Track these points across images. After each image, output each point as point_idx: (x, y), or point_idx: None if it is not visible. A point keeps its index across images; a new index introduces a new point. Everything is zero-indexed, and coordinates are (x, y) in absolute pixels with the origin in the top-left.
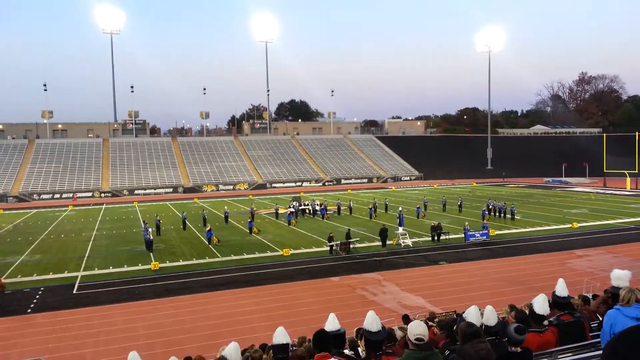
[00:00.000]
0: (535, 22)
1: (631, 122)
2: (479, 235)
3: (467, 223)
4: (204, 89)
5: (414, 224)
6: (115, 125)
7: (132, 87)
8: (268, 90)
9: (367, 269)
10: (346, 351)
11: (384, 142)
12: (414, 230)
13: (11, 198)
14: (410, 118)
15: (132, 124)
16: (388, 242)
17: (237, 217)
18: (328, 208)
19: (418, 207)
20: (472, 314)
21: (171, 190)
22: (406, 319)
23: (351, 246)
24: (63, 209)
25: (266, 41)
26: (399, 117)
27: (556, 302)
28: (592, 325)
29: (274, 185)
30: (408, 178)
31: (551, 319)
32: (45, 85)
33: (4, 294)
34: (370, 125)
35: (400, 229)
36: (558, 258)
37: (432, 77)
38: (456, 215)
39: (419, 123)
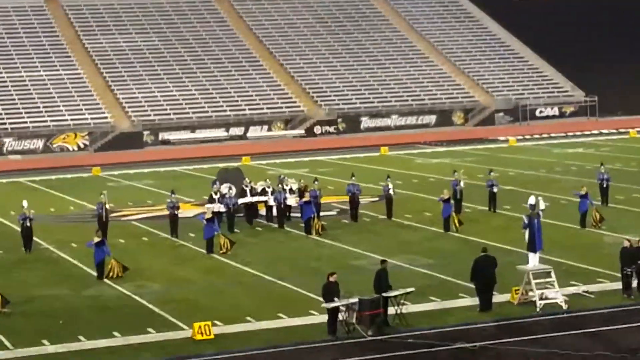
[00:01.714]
0: None
1: None
2: None
3: None
4: None
5: (571, 243)
6: None
7: None
8: None
9: None
10: None
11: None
12: (568, 260)
13: None
14: None
15: None
16: (500, 298)
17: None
18: (322, 200)
19: (580, 194)
20: None
21: None
22: None
23: (395, 310)
24: None
25: None
26: None
27: None
28: None
29: (163, 137)
30: (554, 111)
31: None
32: None
33: None
34: None
35: (533, 261)
36: None
37: None
38: None
39: None
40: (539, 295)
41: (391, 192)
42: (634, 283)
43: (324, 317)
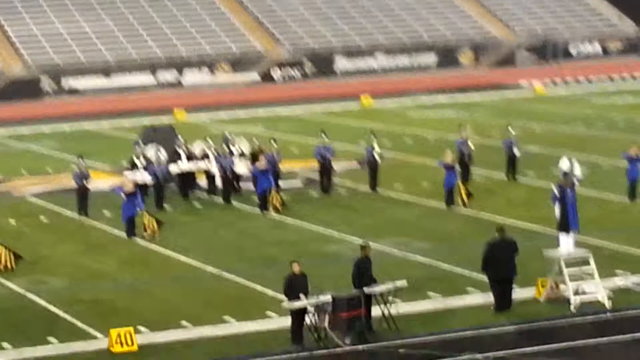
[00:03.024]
0: None
1: None
2: None
3: None
4: None
5: (617, 221)
6: None
7: None
8: None
9: None
10: None
11: None
12: (612, 243)
13: None
14: None
15: None
16: (522, 293)
17: None
18: (282, 166)
19: (629, 156)
20: None
21: None
22: None
23: (382, 311)
24: None
25: None
26: None
27: None
28: None
29: (68, 84)
30: (595, 48)
31: None
32: None
33: None
34: None
35: (566, 245)
36: None
37: None
38: None
39: None
40: (573, 290)
41: (376, 155)
42: None
43: (287, 321)
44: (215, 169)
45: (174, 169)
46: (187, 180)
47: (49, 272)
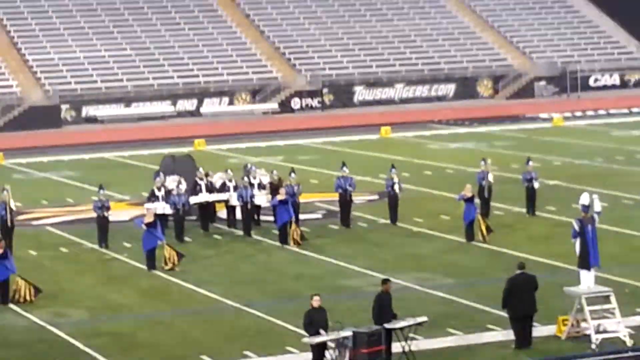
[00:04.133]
0: None
1: None
2: None
3: None
4: None
5: (638, 257)
6: None
7: None
8: None
9: None
10: None
11: None
12: (633, 281)
13: None
14: None
15: None
16: (542, 331)
17: None
18: (301, 198)
19: None
20: None
21: None
22: None
23: (402, 347)
24: None
25: None
26: None
27: None
28: None
29: (88, 112)
30: (614, 79)
31: None
32: None
33: None
34: None
35: (587, 281)
36: None
37: None
38: None
39: None
40: (594, 328)
41: (396, 188)
42: None
43: (307, 356)
44: (235, 201)
45: (193, 200)
46: (207, 211)
47: (70, 304)
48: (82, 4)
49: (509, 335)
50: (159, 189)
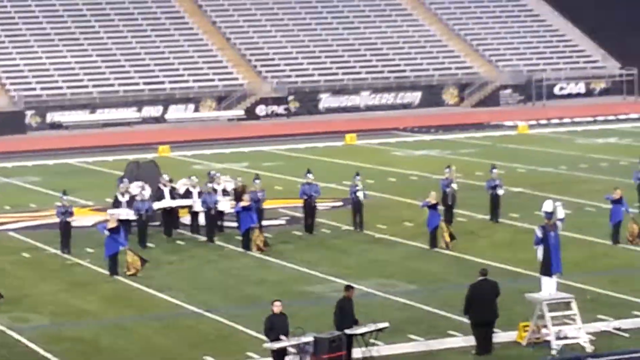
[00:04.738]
0: None
1: None
2: None
3: None
4: None
5: (600, 264)
6: None
7: None
8: None
9: None
10: None
11: None
12: (594, 287)
13: None
14: None
15: None
16: (503, 337)
17: None
18: (265, 204)
19: (613, 198)
20: None
21: None
22: None
23: (363, 352)
24: None
25: None
26: None
27: None
28: None
29: (53, 118)
30: (579, 88)
31: None
32: None
33: None
34: None
35: (548, 288)
36: None
37: None
38: None
39: None
40: (555, 334)
41: (360, 195)
42: None
43: None
44: (198, 207)
45: (157, 205)
46: (170, 217)
47: (31, 310)
48: (48, 9)
49: (470, 341)
50: (122, 195)
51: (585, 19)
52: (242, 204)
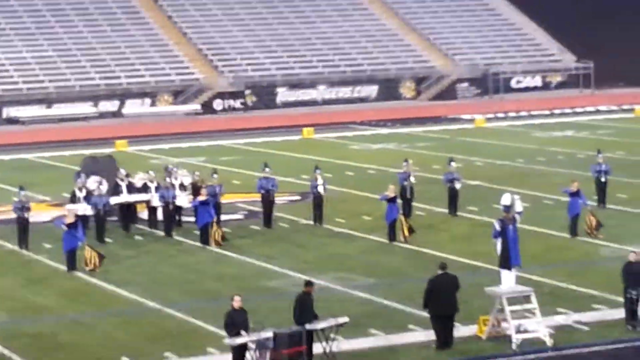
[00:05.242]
0: None
1: None
2: None
3: None
4: None
5: (558, 257)
6: None
7: None
8: None
9: None
10: None
11: None
12: (553, 281)
13: None
14: None
15: None
16: (463, 331)
17: None
18: (223, 199)
19: (570, 191)
20: None
21: None
22: None
23: (323, 347)
24: None
25: None
26: None
27: None
28: None
29: (9, 113)
30: (536, 81)
31: None
32: None
33: None
34: None
35: (507, 281)
36: None
37: None
38: None
39: None
40: (515, 327)
41: (320, 189)
42: None
43: (227, 357)
44: (156, 201)
45: (114, 200)
46: (128, 212)
47: None
48: (3, 5)
49: (430, 335)
50: (80, 190)
51: (541, 13)
52: (200, 198)
